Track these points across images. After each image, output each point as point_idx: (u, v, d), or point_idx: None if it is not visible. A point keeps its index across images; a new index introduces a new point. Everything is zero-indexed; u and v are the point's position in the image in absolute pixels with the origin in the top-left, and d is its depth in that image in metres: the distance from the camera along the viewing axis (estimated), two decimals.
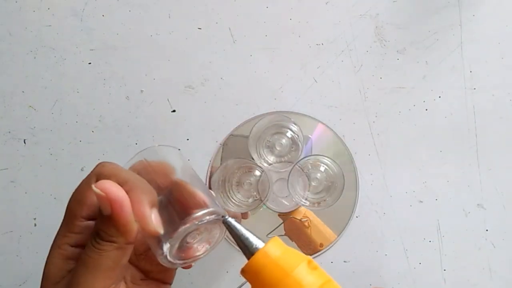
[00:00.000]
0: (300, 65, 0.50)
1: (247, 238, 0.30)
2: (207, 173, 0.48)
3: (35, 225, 0.48)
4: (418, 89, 0.49)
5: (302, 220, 0.44)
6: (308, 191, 0.45)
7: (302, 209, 0.46)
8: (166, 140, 0.49)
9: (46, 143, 0.49)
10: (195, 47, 0.50)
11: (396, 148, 0.48)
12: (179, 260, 0.31)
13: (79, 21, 0.51)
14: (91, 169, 0.30)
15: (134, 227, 0.29)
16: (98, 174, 0.30)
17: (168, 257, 0.30)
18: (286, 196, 0.46)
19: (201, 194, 0.31)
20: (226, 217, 0.30)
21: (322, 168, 0.46)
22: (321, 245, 0.45)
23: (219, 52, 0.50)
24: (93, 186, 0.28)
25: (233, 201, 0.45)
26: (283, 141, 0.46)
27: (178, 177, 0.32)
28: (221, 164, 0.47)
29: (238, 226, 0.30)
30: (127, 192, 0.28)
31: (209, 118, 0.49)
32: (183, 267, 0.33)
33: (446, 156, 0.48)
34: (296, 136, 0.46)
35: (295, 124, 0.45)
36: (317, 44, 0.50)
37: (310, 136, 0.48)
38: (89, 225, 0.30)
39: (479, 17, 0.50)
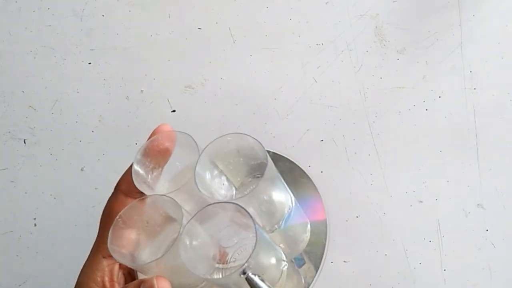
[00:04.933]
0: (300, 65, 0.50)
1: None
2: None
3: (35, 225, 0.48)
4: (418, 89, 0.49)
5: None
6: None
7: None
8: None
9: (46, 143, 0.49)
10: (195, 47, 0.50)
11: (396, 148, 0.48)
12: None
13: (79, 21, 0.51)
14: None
15: None
16: (120, 189, 0.32)
17: None
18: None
19: None
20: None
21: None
22: None
23: (219, 52, 0.50)
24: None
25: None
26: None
27: None
28: None
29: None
30: None
31: (209, 118, 0.49)
32: None
33: (446, 156, 0.48)
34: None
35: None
36: (317, 44, 0.50)
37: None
38: None
39: (479, 17, 0.50)
